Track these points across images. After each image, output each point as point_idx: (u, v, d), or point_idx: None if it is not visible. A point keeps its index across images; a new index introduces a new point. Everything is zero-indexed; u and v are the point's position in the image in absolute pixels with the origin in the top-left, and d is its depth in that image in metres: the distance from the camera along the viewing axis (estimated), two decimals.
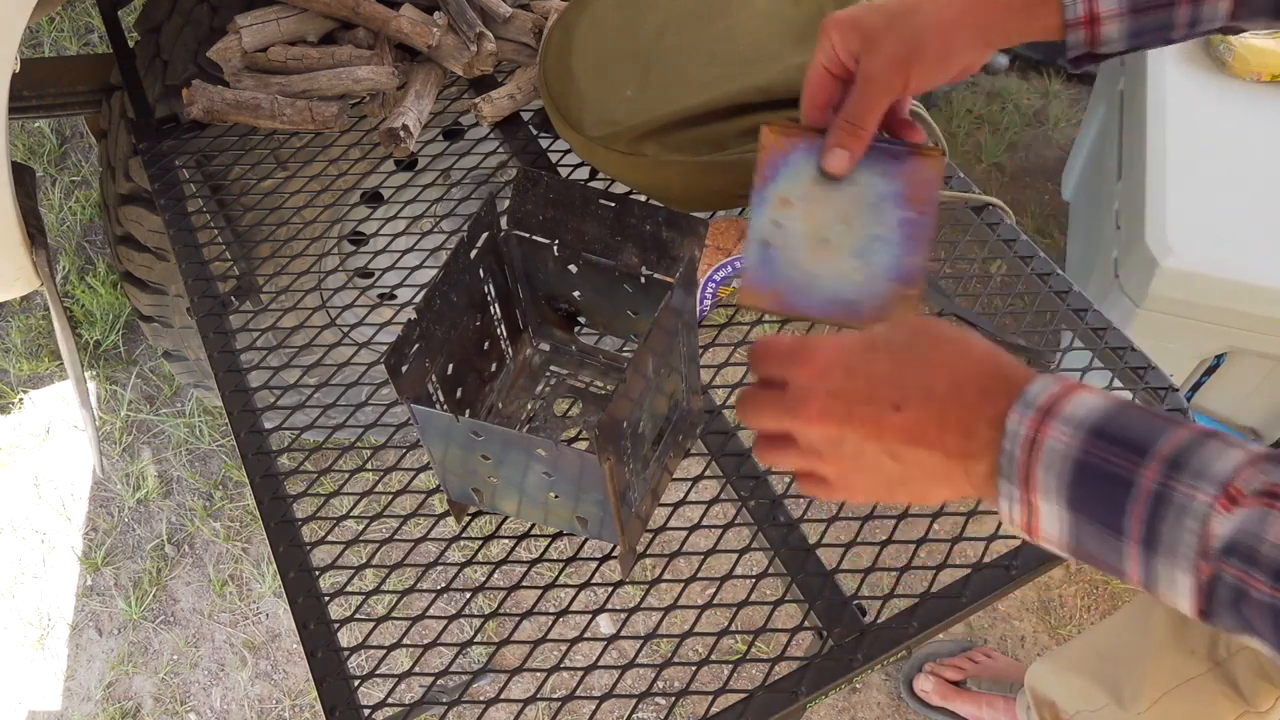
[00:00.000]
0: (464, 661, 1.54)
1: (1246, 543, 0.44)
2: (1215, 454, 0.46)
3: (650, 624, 1.58)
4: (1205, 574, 0.45)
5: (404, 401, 0.66)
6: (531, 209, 0.75)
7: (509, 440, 0.67)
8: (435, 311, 0.70)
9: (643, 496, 0.76)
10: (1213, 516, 0.45)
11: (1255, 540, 0.43)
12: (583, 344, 0.85)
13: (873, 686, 1.63)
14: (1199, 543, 0.45)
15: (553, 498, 0.71)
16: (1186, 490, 0.46)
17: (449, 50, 1.15)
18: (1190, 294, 1.51)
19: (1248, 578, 0.43)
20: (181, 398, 1.98)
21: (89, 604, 1.76)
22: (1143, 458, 0.47)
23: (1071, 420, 0.49)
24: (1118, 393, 0.52)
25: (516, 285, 0.80)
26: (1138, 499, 0.47)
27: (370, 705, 0.74)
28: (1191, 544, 0.45)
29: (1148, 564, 0.47)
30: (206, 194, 1.17)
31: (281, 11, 1.14)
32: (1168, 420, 0.49)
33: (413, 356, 0.68)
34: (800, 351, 0.57)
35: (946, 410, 0.53)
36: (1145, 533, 0.47)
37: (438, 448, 0.71)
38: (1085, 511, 0.49)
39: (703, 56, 0.99)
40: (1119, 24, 0.73)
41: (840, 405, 0.55)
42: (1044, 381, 0.52)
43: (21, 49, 1.04)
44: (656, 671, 0.92)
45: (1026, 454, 0.50)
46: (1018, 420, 0.50)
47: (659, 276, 0.74)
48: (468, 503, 0.77)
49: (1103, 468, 0.48)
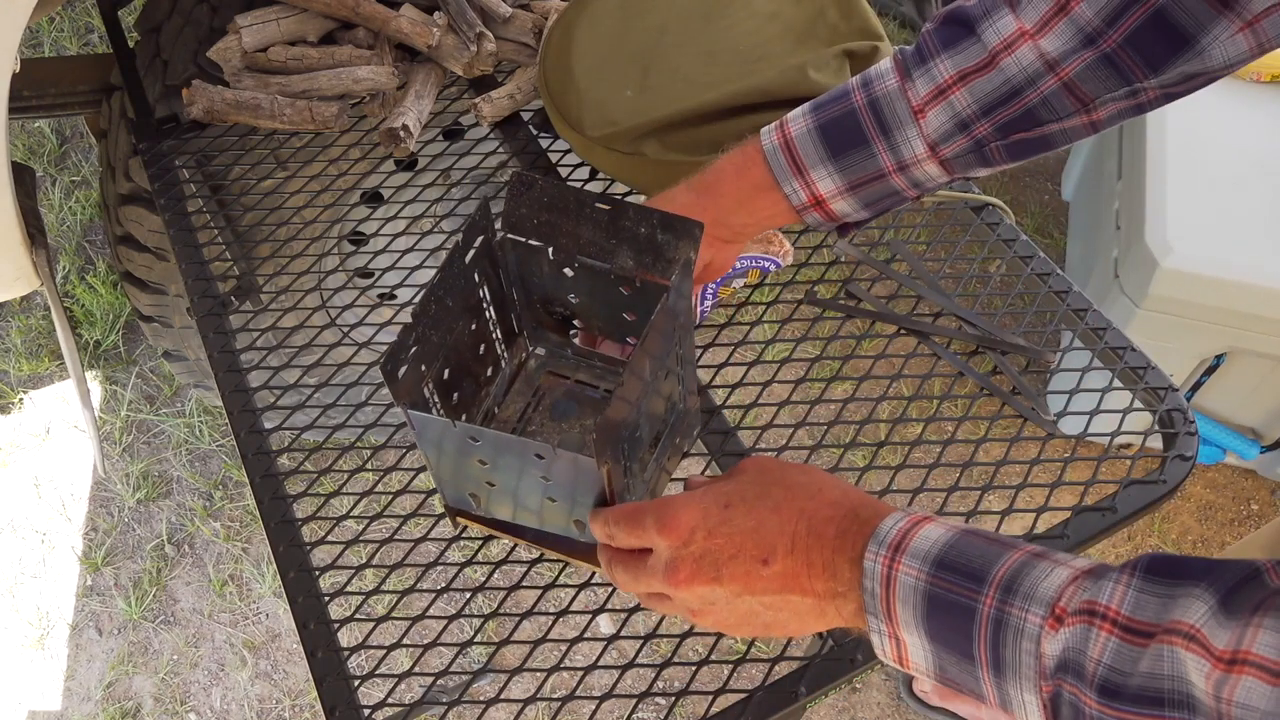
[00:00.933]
0: (464, 661, 1.54)
1: (1075, 659, 0.46)
2: (1042, 575, 0.49)
3: (650, 624, 1.58)
4: (1047, 692, 0.47)
5: (400, 407, 0.66)
6: (526, 213, 0.75)
7: (505, 444, 0.67)
8: (431, 316, 0.70)
9: (641, 499, 0.76)
10: (1043, 637, 0.47)
11: (1081, 657, 0.46)
12: (578, 347, 0.85)
13: (873, 686, 1.63)
14: (1036, 663, 0.47)
15: (549, 502, 0.71)
16: (1019, 613, 0.48)
17: (449, 50, 1.15)
18: (1190, 294, 1.51)
19: (1080, 694, 0.45)
20: (181, 398, 1.99)
21: (89, 604, 1.76)
22: (981, 585, 0.50)
23: (918, 554, 0.52)
24: (955, 522, 0.55)
25: (511, 289, 0.80)
26: (980, 625, 0.49)
27: (370, 705, 0.74)
28: (1030, 664, 0.48)
29: (1000, 687, 0.50)
30: (206, 194, 1.17)
31: (281, 11, 1.14)
32: (1005, 544, 0.51)
33: (409, 361, 0.67)
34: (660, 519, 0.59)
35: (810, 556, 0.56)
36: (991, 657, 0.49)
37: (434, 453, 0.71)
38: (941, 640, 0.51)
39: (703, 56, 0.99)
40: (846, 200, 0.77)
41: (708, 567, 0.57)
42: (894, 518, 0.55)
43: (21, 49, 1.03)
44: (656, 671, 0.92)
45: (885, 590, 0.52)
46: (873, 558, 0.53)
47: (654, 279, 0.74)
48: (465, 508, 0.77)
49: (948, 597, 0.50)
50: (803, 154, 0.75)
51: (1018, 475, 0.85)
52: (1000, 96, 0.71)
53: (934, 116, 0.72)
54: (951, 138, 0.73)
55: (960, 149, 0.73)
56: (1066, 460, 0.85)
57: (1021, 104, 0.71)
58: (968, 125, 0.72)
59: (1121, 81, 0.68)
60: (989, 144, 0.73)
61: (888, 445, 0.88)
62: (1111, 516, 0.80)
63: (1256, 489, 1.87)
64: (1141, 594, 0.45)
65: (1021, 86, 0.70)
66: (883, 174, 0.75)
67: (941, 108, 0.72)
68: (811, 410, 0.90)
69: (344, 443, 1.13)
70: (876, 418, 0.89)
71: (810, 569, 0.55)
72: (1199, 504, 1.86)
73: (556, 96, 1.02)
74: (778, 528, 0.57)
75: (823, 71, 0.95)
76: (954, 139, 0.73)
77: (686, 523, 0.58)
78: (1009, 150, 0.74)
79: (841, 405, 0.91)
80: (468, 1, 1.15)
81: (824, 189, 0.75)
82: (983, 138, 0.72)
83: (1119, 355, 0.92)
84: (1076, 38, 0.67)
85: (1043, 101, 0.70)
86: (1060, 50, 0.68)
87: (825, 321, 0.98)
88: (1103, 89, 0.69)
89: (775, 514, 0.57)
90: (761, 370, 0.93)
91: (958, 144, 0.73)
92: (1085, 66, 0.68)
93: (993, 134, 0.72)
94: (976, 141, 0.73)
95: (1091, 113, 0.71)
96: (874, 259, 1.04)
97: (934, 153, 0.74)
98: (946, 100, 0.72)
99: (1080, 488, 0.84)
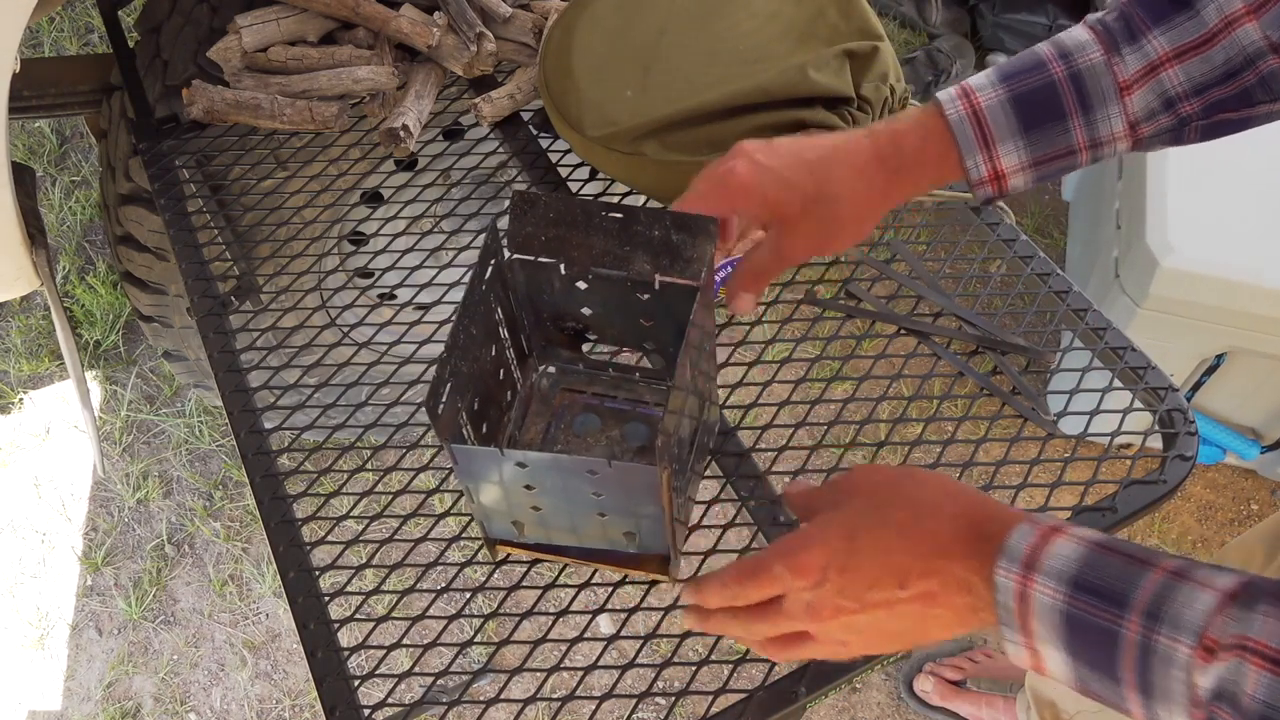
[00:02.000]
0: (464, 661, 1.54)
1: (1230, 690, 0.46)
2: (1187, 602, 0.49)
3: (650, 624, 1.58)
4: (1200, 718, 0.48)
5: (444, 445, 0.65)
6: (532, 230, 0.74)
7: (559, 466, 0.66)
8: (461, 348, 0.68)
9: (683, 504, 0.76)
10: (1194, 668, 0.48)
11: (1237, 689, 0.46)
12: (590, 360, 0.84)
13: (873, 686, 1.63)
14: (1188, 691, 0.48)
15: (599, 517, 0.70)
16: (1168, 643, 0.49)
17: (449, 50, 1.15)
18: (1190, 294, 1.51)
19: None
20: (181, 398, 1.98)
21: (89, 604, 1.76)
22: (1123, 610, 0.50)
23: (1052, 574, 0.52)
24: (1089, 532, 0.54)
25: (520, 311, 0.80)
26: (1126, 651, 0.50)
27: (370, 705, 0.74)
28: (1182, 691, 0.48)
29: (1148, 707, 0.50)
30: (206, 194, 1.17)
31: (281, 11, 1.14)
32: (1142, 562, 0.51)
33: (447, 397, 0.66)
34: (790, 564, 0.60)
35: (944, 577, 0.56)
36: (1139, 681, 0.50)
37: (477, 485, 0.70)
38: (1083, 659, 0.52)
39: (703, 57, 0.99)
40: (1024, 175, 0.73)
41: (850, 599, 0.58)
42: (1021, 531, 0.54)
43: (21, 49, 1.04)
44: (656, 671, 0.92)
45: (1019, 605, 0.53)
46: (1005, 575, 0.53)
47: (674, 280, 0.73)
48: (508, 538, 0.76)
49: (1090, 620, 0.51)
50: (993, 126, 0.71)
51: (1018, 475, 0.85)
52: (1218, 76, 0.68)
53: (1141, 95, 0.69)
54: (1154, 116, 0.70)
55: (1160, 128, 0.71)
56: (1066, 460, 0.85)
57: (1238, 84, 0.68)
58: (1174, 104, 0.69)
59: None
60: (1191, 123, 0.70)
61: (888, 445, 0.88)
62: (1111, 516, 0.80)
63: (1256, 489, 1.87)
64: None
65: (1240, 67, 0.67)
66: (1072, 150, 0.71)
67: (1151, 85, 0.69)
68: (811, 410, 0.90)
69: (344, 443, 1.13)
70: (876, 418, 0.89)
71: (946, 587, 0.56)
72: (1199, 504, 1.86)
73: (556, 97, 1.02)
74: (907, 551, 0.57)
75: (823, 71, 0.95)
76: (1157, 117, 0.70)
77: (818, 563, 0.59)
78: (1206, 130, 0.71)
79: (841, 405, 0.91)
80: (468, 2, 1.15)
81: (1008, 164, 0.72)
82: (1187, 115, 0.70)
83: (1119, 355, 0.92)
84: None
85: (1260, 82, 0.68)
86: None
87: (825, 321, 0.98)
88: None
89: (902, 539, 0.58)
90: (761, 370, 0.93)
91: (1160, 122, 0.70)
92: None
93: (1199, 113, 0.70)
94: (1180, 120, 0.70)
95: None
96: (874, 259, 1.04)
97: (1133, 131, 0.71)
98: (1157, 78, 0.69)
99: (1080, 488, 0.84)
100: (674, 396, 0.64)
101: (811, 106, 0.95)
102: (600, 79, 1.00)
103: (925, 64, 2.38)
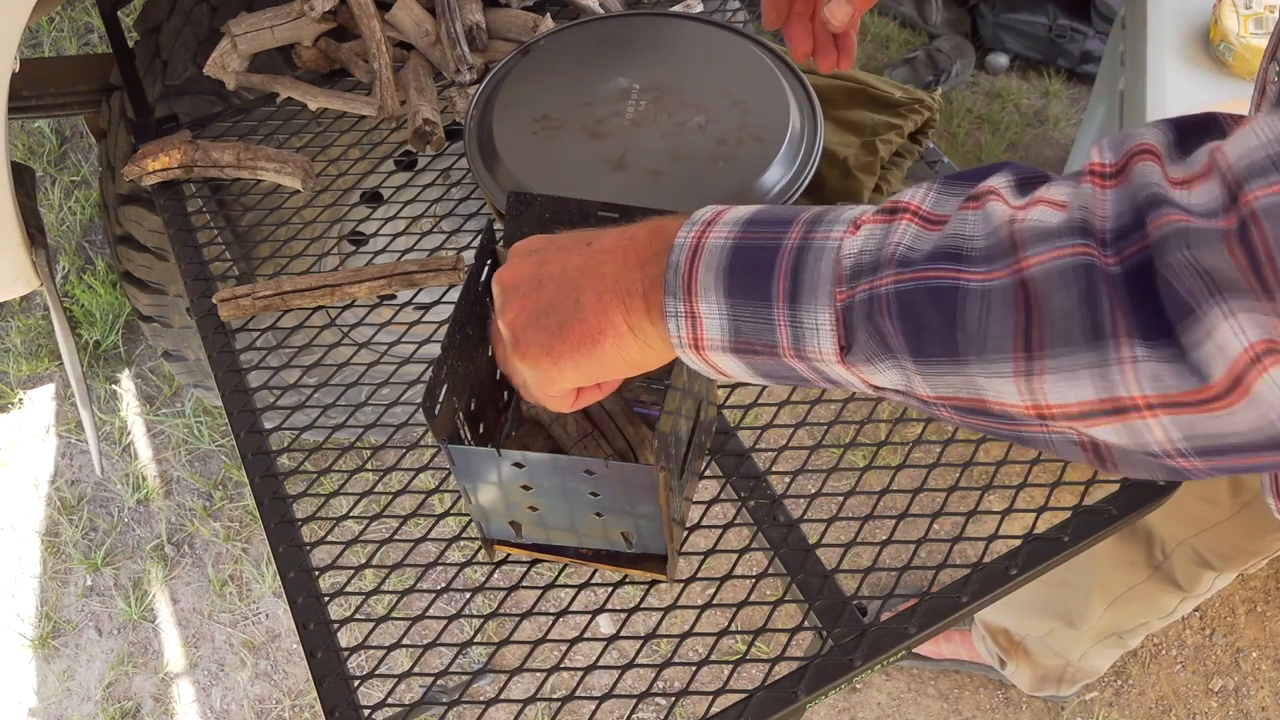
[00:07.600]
0: (464, 661, 1.54)
1: (871, 251, 0.45)
2: (848, 208, 0.48)
3: (650, 624, 1.58)
4: (841, 300, 0.46)
5: (440, 444, 0.66)
6: (528, 231, 0.74)
7: (556, 466, 0.66)
8: (457, 348, 0.69)
9: (682, 501, 0.76)
10: (843, 243, 0.46)
11: (878, 246, 0.45)
12: None
13: (873, 687, 1.63)
14: (833, 273, 0.46)
15: (595, 517, 0.71)
16: (822, 236, 0.48)
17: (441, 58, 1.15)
18: None
19: (873, 284, 0.45)
20: (181, 398, 1.99)
21: (89, 604, 1.77)
22: (789, 225, 0.49)
23: (730, 220, 0.51)
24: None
25: None
26: (782, 258, 0.48)
27: (370, 705, 0.74)
28: (828, 277, 0.46)
29: (794, 319, 0.48)
30: (206, 194, 1.17)
31: (275, 18, 1.13)
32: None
33: (443, 397, 0.66)
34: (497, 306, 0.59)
35: (628, 245, 0.54)
36: (790, 286, 0.48)
37: (475, 485, 0.70)
38: (738, 291, 0.49)
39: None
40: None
41: (533, 255, 0.58)
42: (710, 206, 0.53)
43: (21, 49, 1.04)
44: (656, 671, 0.92)
45: (689, 261, 0.50)
46: (684, 235, 0.52)
47: None
48: (506, 538, 0.76)
49: (754, 243, 0.49)
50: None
51: (1018, 475, 0.85)
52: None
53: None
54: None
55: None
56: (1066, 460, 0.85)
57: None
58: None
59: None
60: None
61: (888, 445, 0.88)
62: (1111, 517, 0.80)
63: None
64: (941, 194, 0.46)
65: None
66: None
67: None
68: (811, 410, 0.90)
69: (344, 443, 1.13)
70: (877, 418, 0.89)
71: (627, 256, 0.54)
72: None
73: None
74: (591, 233, 0.57)
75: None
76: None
77: (508, 273, 0.58)
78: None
79: (841, 405, 0.91)
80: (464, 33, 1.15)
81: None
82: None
83: None
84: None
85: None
86: None
87: None
88: None
89: (584, 232, 0.57)
90: None
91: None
92: None
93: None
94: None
95: None
96: None
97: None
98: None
99: (1080, 488, 0.84)
100: (670, 397, 0.64)
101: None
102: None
103: (925, 64, 2.38)
